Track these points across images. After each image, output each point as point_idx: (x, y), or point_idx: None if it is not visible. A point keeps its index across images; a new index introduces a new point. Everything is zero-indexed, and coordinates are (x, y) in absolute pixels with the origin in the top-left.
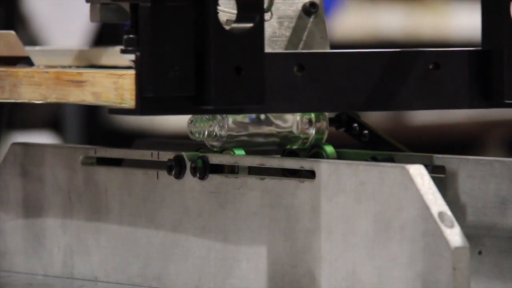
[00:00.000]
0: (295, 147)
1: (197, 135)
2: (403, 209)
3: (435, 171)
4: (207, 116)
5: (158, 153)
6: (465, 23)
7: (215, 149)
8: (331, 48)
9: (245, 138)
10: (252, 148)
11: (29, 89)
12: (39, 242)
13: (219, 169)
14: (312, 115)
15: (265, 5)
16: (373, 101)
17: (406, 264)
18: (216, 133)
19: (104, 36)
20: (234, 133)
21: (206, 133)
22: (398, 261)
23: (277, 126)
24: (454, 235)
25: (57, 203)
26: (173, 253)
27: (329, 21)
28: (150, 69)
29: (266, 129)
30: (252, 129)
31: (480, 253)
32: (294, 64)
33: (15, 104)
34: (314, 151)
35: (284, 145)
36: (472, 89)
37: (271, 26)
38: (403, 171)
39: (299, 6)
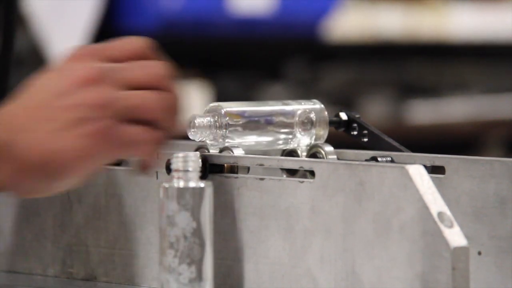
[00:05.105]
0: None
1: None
2: (402, 209)
3: (434, 171)
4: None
5: (158, 153)
6: (465, 23)
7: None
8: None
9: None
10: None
11: None
12: (39, 242)
13: (219, 169)
14: (313, 114)
15: None
16: None
17: (405, 264)
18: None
19: (104, 36)
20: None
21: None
22: (397, 261)
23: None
24: (454, 235)
25: (56, 203)
26: None
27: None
28: None
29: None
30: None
31: (479, 253)
32: None
33: None
34: (314, 151)
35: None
36: None
37: None
38: (402, 171)
39: None
